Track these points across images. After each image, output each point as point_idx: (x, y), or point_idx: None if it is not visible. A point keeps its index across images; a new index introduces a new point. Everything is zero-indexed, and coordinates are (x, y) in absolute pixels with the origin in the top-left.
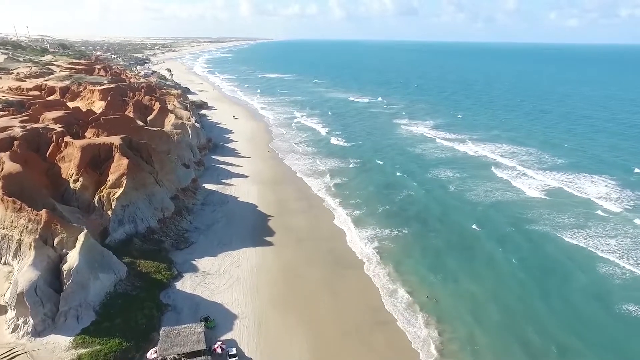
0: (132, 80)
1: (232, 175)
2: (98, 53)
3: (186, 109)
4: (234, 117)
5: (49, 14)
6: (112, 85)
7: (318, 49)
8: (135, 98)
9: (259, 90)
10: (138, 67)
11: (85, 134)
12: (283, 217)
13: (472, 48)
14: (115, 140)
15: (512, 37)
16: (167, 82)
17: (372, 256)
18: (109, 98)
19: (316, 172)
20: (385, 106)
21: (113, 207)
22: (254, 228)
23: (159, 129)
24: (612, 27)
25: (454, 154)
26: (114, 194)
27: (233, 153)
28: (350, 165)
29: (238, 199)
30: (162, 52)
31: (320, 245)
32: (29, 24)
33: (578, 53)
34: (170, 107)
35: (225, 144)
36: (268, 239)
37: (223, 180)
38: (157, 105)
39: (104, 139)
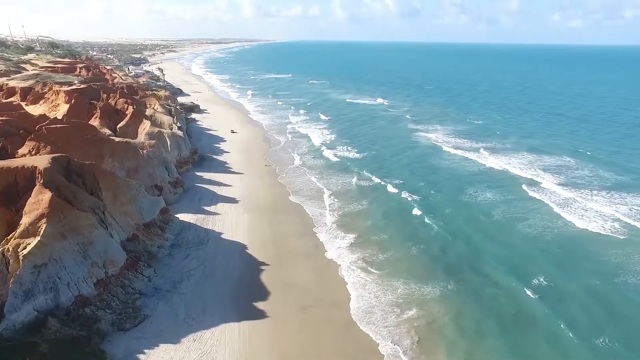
0: (116, 81)
1: (218, 199)
2: (94, 53)
3: (170, 113)
4: (232, 132)
5: (52, 16)
6: (82, 86)
7: (320, 49)
8: (104, 101)
9: (256, 92)
10: (130, 66)
11: (18, 150)
12: (281, 266)
13: (475, 49)
14: (41, 162)
15: (515, 38)
16: (158, 83)
17: (401, 339)
18: (72, 101)
19: (318, 195)
20: (388, 110)
21: (19, 270)
22: (239, 286)
23: (126, 140)
24: (616, 29)
25: (474, 168)
26: (24, 248)
27: (223, 167)
28: (356, 186)
29: (222, 235)
30: (162, 53)
31: (331, 315)
32: (33, 27)
33: (583, 54)
34: (149, 111)
35: (214, 156)
36: (259, 305)
37: (206, 207)
38: (130, 110)
39: (23, 161)
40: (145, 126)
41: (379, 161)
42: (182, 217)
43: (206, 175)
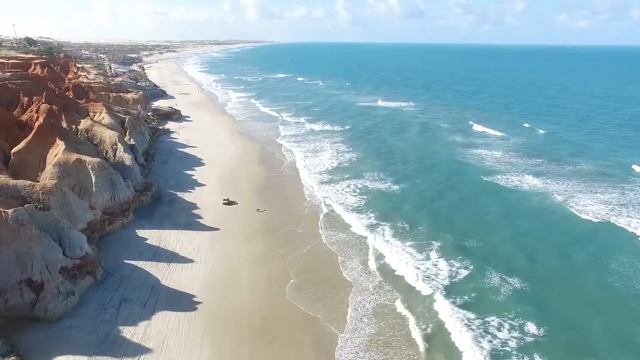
0: (79, 80)
1: (158, 299)
2: (86, 52)
3: (121, 124)
4: (226, 202)
5: (55, 19)
6: None
7: (323, 50)
8: (24, 106)
9: (252, 94)
10: (113, 65)
11: None
12: None
13: (481, 50)
14: None
15: (520, 39)
16: (138, 83)
17: None
18: None
19: (340, 286)
20: (416, 115)
21: None
22: None
23: None
24: (623, 29)
25: (562, 225)
26: None
27: (188, 217)
28: (398, 268)
29: None
30: (160, 53)
31: None
32: (37, 29)
33: (591, 54)
34: (84, 124)
35: (179, 193)
36: None
37: (125, 331)
38: (38, 123)
39: None
40: (57, 150)
41: (418, 204)
42: None
43: (155, 234)
